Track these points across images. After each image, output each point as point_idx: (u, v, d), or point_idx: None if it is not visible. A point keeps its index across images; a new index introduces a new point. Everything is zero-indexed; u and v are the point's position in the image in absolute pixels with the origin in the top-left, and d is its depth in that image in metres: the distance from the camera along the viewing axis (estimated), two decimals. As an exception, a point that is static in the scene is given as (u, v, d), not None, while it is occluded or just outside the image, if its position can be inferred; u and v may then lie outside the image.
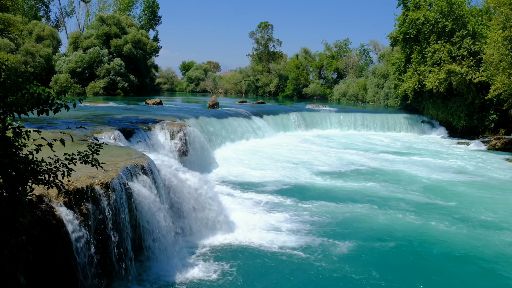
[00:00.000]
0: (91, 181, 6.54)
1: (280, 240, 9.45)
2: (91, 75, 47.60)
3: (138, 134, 14.28)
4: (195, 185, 9.70)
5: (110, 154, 8.72)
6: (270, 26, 77.10)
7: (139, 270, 7.41)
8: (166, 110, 24.77)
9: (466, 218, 11.52)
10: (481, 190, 14.97)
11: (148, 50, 52.92)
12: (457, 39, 30.30)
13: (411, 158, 21.61)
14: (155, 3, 67.54)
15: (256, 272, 7.92)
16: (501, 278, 8.21)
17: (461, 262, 8.84)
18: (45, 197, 5.74)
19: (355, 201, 12.88)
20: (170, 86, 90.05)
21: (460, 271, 8.46)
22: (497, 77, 25.36)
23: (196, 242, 9.12)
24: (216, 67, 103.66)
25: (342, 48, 69.06)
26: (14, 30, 37.89)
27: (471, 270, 8.54)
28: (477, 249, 9.47)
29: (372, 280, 7.79)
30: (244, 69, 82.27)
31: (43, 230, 5.14)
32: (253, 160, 18.76)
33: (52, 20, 65.97)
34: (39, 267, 5.36)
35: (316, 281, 7.72)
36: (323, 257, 8.65)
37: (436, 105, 33.09)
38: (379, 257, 8.92)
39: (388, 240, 9.78)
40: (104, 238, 6.59)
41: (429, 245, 9.61)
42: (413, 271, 8.36)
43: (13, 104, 4.23)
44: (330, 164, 18.82)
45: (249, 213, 11.26)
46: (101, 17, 50.71)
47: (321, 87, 66.44)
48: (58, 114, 4.43)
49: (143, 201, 7.52)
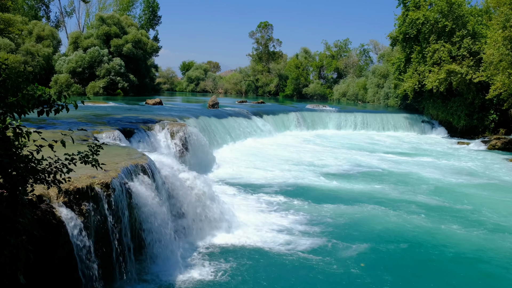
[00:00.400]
0: (91, 181, 6.55)
1: (282, 240, 9.44)
2: (91, 75, 47.59)
3: (138, 134, 14.28)
4: (195, 185, 9.69)
5: (110, 154, 8.72)
6: (270, 26, 77.16)
7: (139, 270, 7.41)
8: (166, 110, 24.78)
9: (477, 221, 11.42)
10: (490, 192, 14.91)
11: (148, 50, 52.92)
12: (457, 39, 30.29)
13: (416, 159, 21.56)
14: (155, 3, 67.54)
15: (256, 273, 7.91)
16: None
17: (473, 265, 8.79)
18: (45, 197, 5.74)
19: (362, 202, 12.81)
20: (170, 86, 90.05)
21: (472, 274, 8.40)
22: (497, 77, 25.35)
23: (195, 242, 9.12)
24: (216, 67, 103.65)
25: (342, 48, 69.05)
26: (14, 30, 37.91)
27: (483, 273, 8.48)
28: (489, 252, 9.39)
29: (383, 283, 7.74)
30: (244, 69, 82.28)
31: (43, 230, 5.15)
32: (253, 160, 18.76)
33: (52, 20, 66.07)
34: (39, 267, 5.36)
35: (319, 283, 7.69)
36: (329, 259, 8.60)
37: (436, 105, 33.09)
38: (390, 259, 8.86)
39: (399, 242, 9.73)
40: (104, 238, 6.60)
41: (441, 247, 9.52)
42: (425, 274, 8.30)
43: (14, 105, 4.23)
44: (332, 164, 18.81)
45: (250, 213, 11.26)
46: (101, 17, 50.71)
47: (321, 87, 66.44)
48: (59, 114, 4.43)
49: (143, 201, 7.52)
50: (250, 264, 8.25)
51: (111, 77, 46.98)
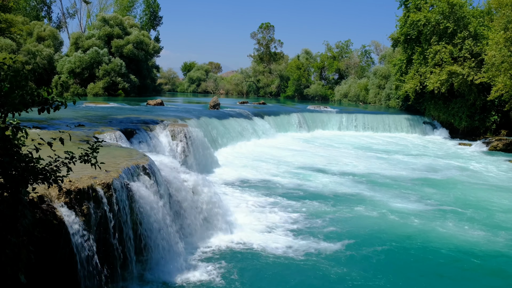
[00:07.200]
0: (92, 182, 6.54)
1: (283, 242, 9.42)
2: (91, 76, 47.56)
3: (139, 134, 14.27)
4: (196, 186, 9.69)
5: (111, 155, 8.72)
6: (272, 27, 77.24)
7: (140, 271, 7.40)
8: (167, 110, 24.77)
9: (477, 221, 11.40)
10: (491, 192, 14.90)
11: (150, 51, 52.96)
12: (458, 40, 30.25)
13: (416, 159, 21.54)
14: (155, 3, 67.63)
15: (256, 274, 7.90)
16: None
17: (472, 266, 8.79)
18: (46, 197, 5.74)
19: (364, 203, 12.75)
20: (171, 86, 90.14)
21: (472, 274, 8.42)
22: (498, 78, 25.33)
23: (197, 243, 9.10)
24: (217, 68, 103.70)
25: (344, 49, 69.05)
26: (16, 30, 37.98)
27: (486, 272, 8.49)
28: (490, 252, 9.37)
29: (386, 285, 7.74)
30: (246, 70, 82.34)
31: (44, 230, 5.15)
32: (254, 161, 18.74)
33: (54, 21, 66.15)
34: (40, 267, 5.36)
35: (319, 285, 7.67)
36: (330, 260, 8.60)
37: (437, 106, 33.05)
38: (391, 259, 8.87)
39: (401, 242, 9.71)
40: (105, 239, 6.59)
41: (440, 247, 9.51)
42: (427, 274, 8.27)
43: (14, 104, 4.23)
44: (332, 164, 18.80)
45: (251, 214, 11.25)
46: (104, 18, 50.73)
47: (323, 88, 66.43)
48: (59, 115, 4.44)
49: (144, 201, 7.51)
50: (250, 265, 8.23)
51: (112, 78, 46.97)
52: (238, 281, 7.56)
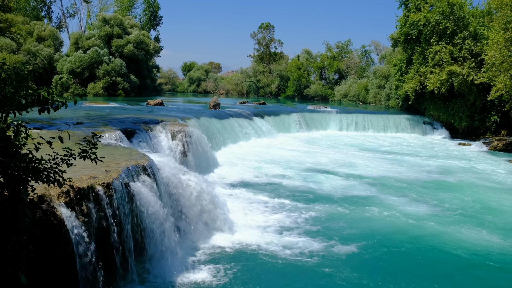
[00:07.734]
0: (92, 181, 6.55)
1: (283, 242, 9.41)
2: (91, 76, 47.58)
3: (139, 134, 14.28)
4: (196, 186, 9.69)
5: (111, 155, 8.72)
6: (272, 27, 77.28)
7: (140, 271, 7.41)
8: (167, 110, 24.77)
9: (477, 221, 11.36)
10: (491, 193, 14.91)
11: (150, 51, 52.99)
12: (458, 40, 30.25)
13: (417, 160, 21.53)
14: (155, 3, 67.64)
15: (257, 275, 7.90)
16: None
17: (472, 265, 8.79)
18: (46, 197, 5.74)
19: (365, 204, 12.71)
20: (171, 86, 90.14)
21: (472, 274, 8.42)
22: (498, 78, 25.33)
23: (197, 243, 9.10)
24: (217, 68, 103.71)
25: (344, 49, 69.02)
26: (16, 30, 37.98)
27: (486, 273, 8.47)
28: (491, 252, 9.32)
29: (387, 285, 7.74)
30: (246, 70, 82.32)
31: (44, 230, 5.15)
32: (254, 161, 18.74)
33: (54, 21, 66.15)
34: (40, 266, 5.36)
35: (319, 286, 7.67)
36: (331, 261, 8.59)
37: (437, 106, 33.06)
38: (392, 260, 8.86)
39: (402, 242, 9.71)
40: (105, 238, 6.59)
41: (441, 248, 9.49)
42: (430, 275, 8.25)
43: (15, 104, 4.23)
44: (332, 165, 18.80)
45: (250, 214, 11.25)
46: (104, 18, 50.75)
47: (323, 88, 66.40)
48: (59, 115, 4.45)
49: (144, 201, 7.52)
50: (250, 265, 8.23)
51: (112, 78, 46.98)
52: (238, 282, 7.56)
